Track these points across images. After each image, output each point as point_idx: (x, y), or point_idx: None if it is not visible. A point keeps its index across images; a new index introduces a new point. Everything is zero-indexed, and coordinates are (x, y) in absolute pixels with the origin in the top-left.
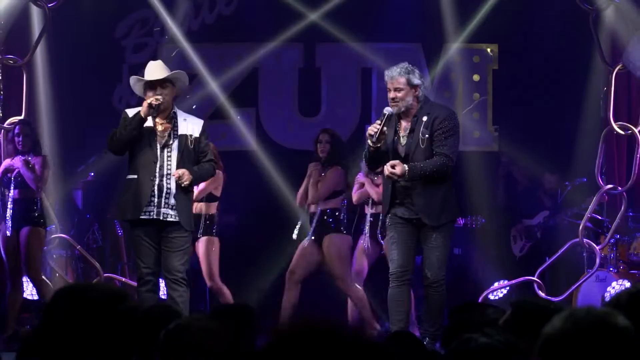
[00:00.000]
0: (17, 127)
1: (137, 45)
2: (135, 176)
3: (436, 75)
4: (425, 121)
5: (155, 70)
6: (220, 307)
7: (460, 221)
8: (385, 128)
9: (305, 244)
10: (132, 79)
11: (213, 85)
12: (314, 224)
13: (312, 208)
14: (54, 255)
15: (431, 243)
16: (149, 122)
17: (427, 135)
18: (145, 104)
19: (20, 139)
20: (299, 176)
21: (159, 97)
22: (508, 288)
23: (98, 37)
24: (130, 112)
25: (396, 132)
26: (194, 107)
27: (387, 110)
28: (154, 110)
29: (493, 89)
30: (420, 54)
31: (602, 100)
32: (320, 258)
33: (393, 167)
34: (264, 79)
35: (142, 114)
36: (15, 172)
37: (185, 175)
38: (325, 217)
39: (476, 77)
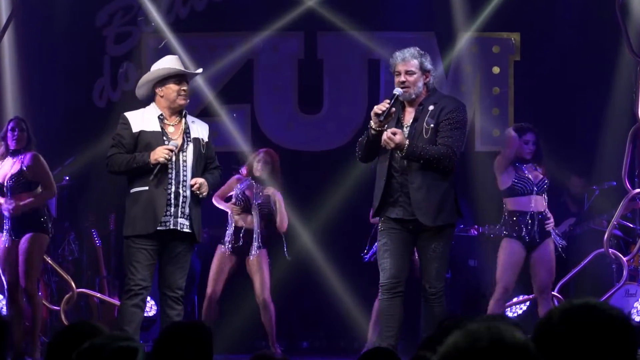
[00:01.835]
0: (11, 123)
1: (120, 35)
2: (146, 187)
3: (451, 68)
4: (431, 110)
5: (180, 63)
6: (174, 325)
7: (474, 231)
8: (393, 109)
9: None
10: (162, 70)
11: (203, 79)
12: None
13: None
14: None
15: (429, 253)
16: (156, 126)
17: (432, 125)
18: (163, 153)
19: (16, 134)
20: (299, 179)
21: (174, 148)
22: (528, 304)
23: (76, 26)
24: (132, 117)
25: (399, 121)
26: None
27: (398, 91)
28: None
29: (514, 83)
30: (434, 44)
31: (634, 94)
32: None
33: (394, 134)
34: (260, 72)
35: (153, 161)
36: (8, 176)
37: (205, 185)
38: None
39: (496, 70)
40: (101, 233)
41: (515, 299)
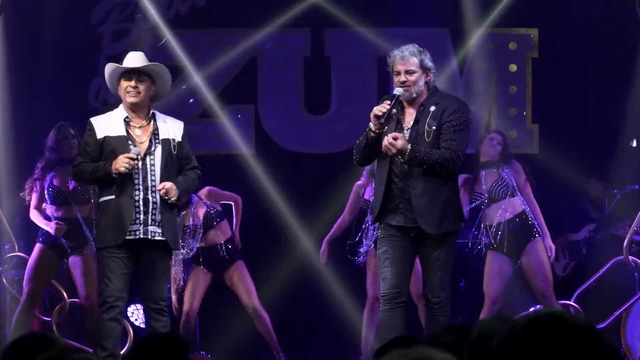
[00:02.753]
0: (61, 131)
1: (116, 33)
2: (113, 196)
3: (465, 66)
4: (432, 111)
5: (135, 58)
6: (147, 338)
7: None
8: (394, 111)
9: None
10: (108, 67)
11: (204, 79)
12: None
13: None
14: (14, 277)
15: (432, 262)
16: (121, 130)
17: (434, 127)
18: (124, 162)
19: (73, 141)
20: (305, 183)
21: (136, 157)
22: None
23: (70, 23)
24: (97, 122)
25: (399, 123)
26: (191, 100)
27: (398, 91)
28: (128, 169)
29: (533, 81)
30: (447, 41)
31: None
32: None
33: (395, 139)
34: (264, 71)
35: (114, 171)
36: (73, 185)
37: (173, 189)
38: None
39: (513, 67)
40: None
41: (532, 309)
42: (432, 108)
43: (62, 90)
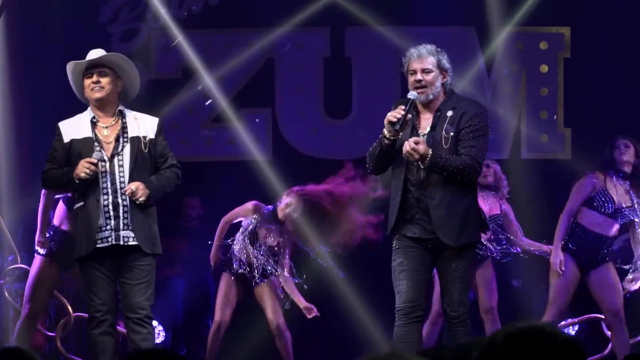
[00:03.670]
0: None
1: (126, 32)
2: (82, 203)
3: (493, 66)
4: (450, 116)
5: (94, 53)
6: (135, 354)
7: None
8: (409, 116)
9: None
10: (68, 67)
11: (217, 81)
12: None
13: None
14: (18, 290)
15: (450, 274)
16: (87, 131)
17: (452, 133)
18: (84, 168)
19: None
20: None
21: (97, 161)
22: (577, 327)
23: (77, 22)
24: (64, 126)
25: (414, 129)
26: (208, 102)
27: (413, 94)
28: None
29: (565, 82)
30: (474, 40)
31: None
32: None
33: (417, 143)
34: (282, 72)
35: (76, 177)
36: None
37: (140, 189)
38: None
39: (544, 68)
40: None
41: (563, 322)
42: (450, 113)
43: (68, 94)
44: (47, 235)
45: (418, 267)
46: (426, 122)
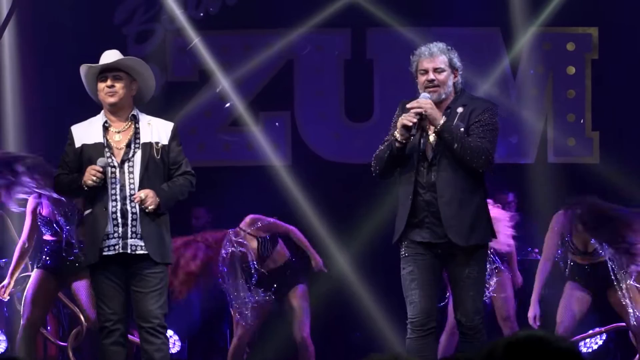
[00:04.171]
0: None
1: (141, 34)
2: (90, 210)
3: (519, 68)
4: (460, 113)
5: (108, 56)
6: None
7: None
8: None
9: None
10: (82, 70)
11: (235, 83)
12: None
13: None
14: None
15: (463, 281)
16: (98, 136)
17: (461, 129)
18: (90, 175)
19: None
20: (346, 196)
21: (100, 172)
22: (604, 338)
23: (91, 23)
24: (76, 130)
25: (423, 130)
26: (227, 105)
27: (425, 96)
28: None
29: (592, 84)
30: (499, 41)
31: None
32: None
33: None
34: (301, 75)
35: (84, 185)
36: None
37: (149, 197)
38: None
39: (571, 70)
40: None
41: (590, 332)
42: (460, 109)
43: (83, 94)
44: (40, 251)
45: (429, 276)
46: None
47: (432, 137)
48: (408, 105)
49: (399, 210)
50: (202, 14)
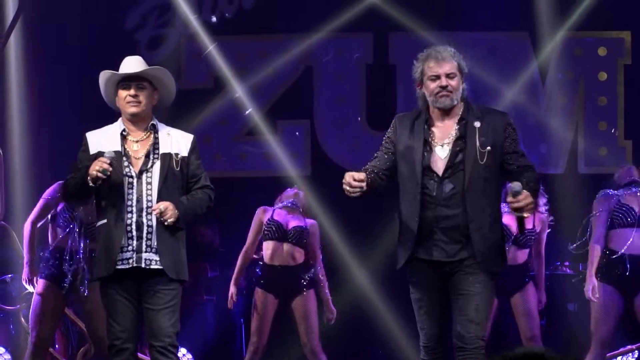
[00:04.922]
0: None
1: (154, 39)
2: (105, 220)
3: (548, 74)
4: (479, 128)
5: (133, 63)
6: None
7: (568, 269)
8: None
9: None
10: (103, 76)
11: (252, 90)
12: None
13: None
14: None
15: (466, 288)
16: (116, 144)
17: (488, 148)
18: (96, 165)
19: None
20: (366, 207)
21: (107, 164)
22: (637, 354)
23: (103, 28)
24: (92, 137)
25: (426, 142)
26: (248, 111)
27: (516, 188)
28: (100, 178)
29: (625, 91)
30: (527, 47)
31: None
32: None
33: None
34: (321, 81)
35: (90, 178)
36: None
37: (169, 210)
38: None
39: (602, 76)
40: None
41: (622, 349)
42: (477, 124)
43: (94, 102)
44: (45, 260)
45: (439, 299)
46: (444, 130)
47: (439, 150)
48: (345, 185)
49: (402, 232)
50: (216, 19)
